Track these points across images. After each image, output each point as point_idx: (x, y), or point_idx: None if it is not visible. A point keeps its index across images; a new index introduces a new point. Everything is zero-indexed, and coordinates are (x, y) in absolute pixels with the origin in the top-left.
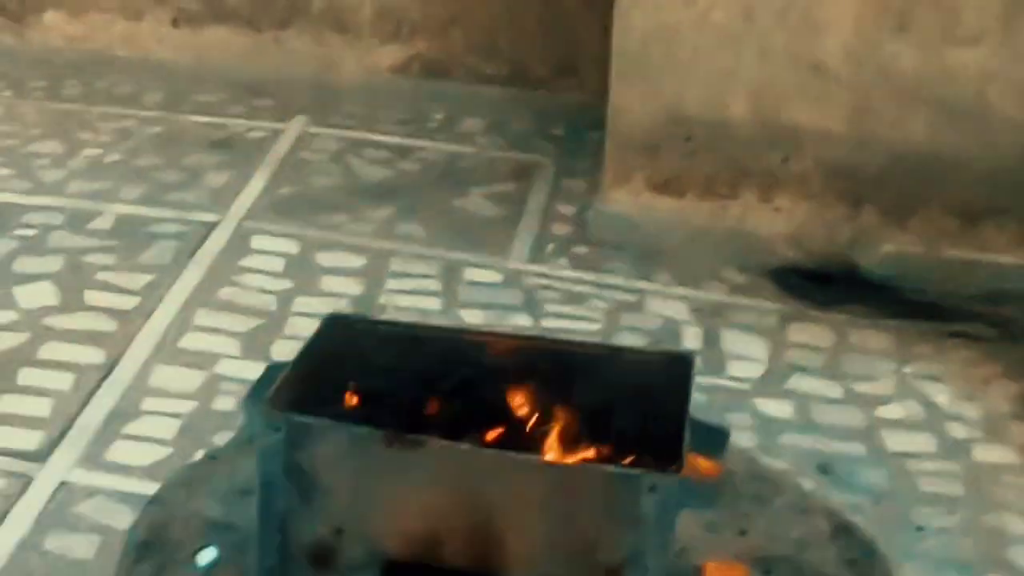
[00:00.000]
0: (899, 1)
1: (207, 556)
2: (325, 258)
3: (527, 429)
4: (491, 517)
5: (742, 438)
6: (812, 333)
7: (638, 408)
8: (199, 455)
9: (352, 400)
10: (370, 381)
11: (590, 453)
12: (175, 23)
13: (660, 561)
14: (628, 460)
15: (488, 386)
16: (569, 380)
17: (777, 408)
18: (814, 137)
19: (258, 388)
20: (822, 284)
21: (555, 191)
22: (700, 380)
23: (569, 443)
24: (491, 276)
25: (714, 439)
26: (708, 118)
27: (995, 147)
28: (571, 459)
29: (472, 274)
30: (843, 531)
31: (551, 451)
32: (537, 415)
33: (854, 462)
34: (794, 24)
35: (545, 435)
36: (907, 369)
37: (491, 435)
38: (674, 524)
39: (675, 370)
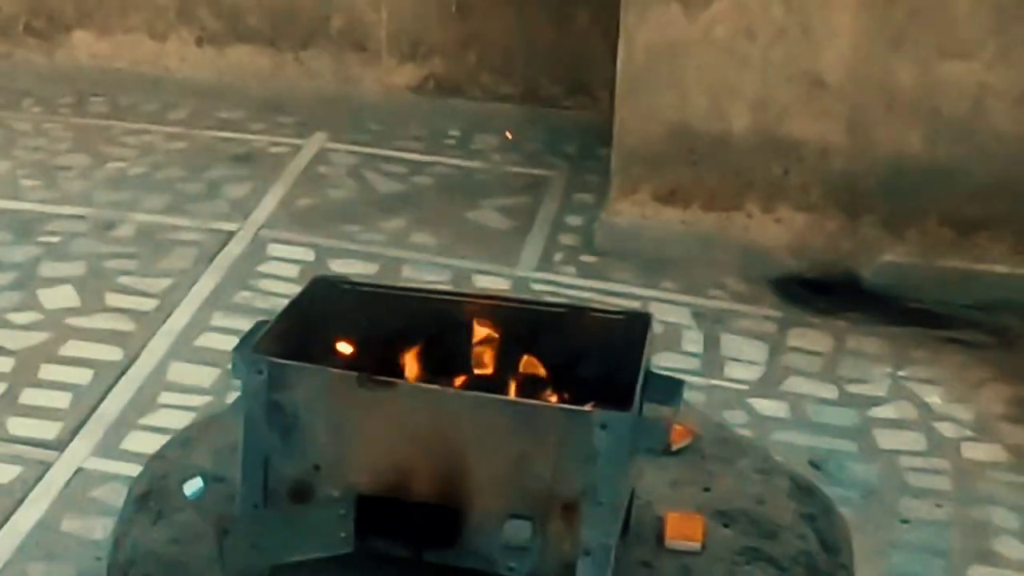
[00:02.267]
0: (896, 16)
1: (194, 485)
2: (339, 265)
3: (493, 378)
4: (455, 454)
5: None
6: (810, 338)
7: (600, 363)
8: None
9: (333, 350)
10: (350, 334)
11: (553, 399)
12: (199, 42)
13: (614, 496)
14: (588, 406)
15: (459, 341)
16: (535, 336)
17: (772, 407)
18: (814, 150)
19: (246, 338)
20: (822, 293)
21: (565, 204)
22: (698, 380)
23: (533, 390)
24: (500, 283)
25: (669, 389)
26: (711, 131)
27: (990, 159)
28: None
29: (481, 281)
30: (803, 490)
31: (514, 394)
32: (504, 367)
33: (845, 458)
34: (794, 40)
35: (510, 383)
36: (902, 372)
37: (459, 382)
38: (626, 461)
39: (635, 328)
